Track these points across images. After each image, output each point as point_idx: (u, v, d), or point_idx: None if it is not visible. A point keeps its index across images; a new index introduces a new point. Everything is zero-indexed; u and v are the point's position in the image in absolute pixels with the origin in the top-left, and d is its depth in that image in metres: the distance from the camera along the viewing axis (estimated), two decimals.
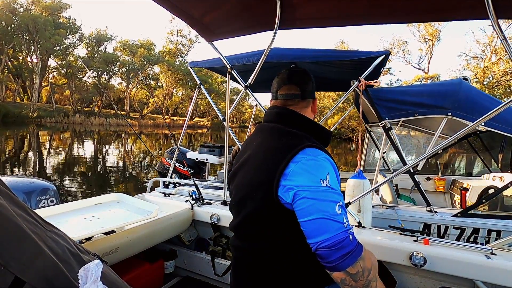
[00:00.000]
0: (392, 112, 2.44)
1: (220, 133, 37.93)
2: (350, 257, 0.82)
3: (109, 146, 17.56)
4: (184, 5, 1.54)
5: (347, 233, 0.83)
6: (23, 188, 2.11)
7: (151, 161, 12.04)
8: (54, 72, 38.79)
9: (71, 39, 36.61)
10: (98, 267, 0.77)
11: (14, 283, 0.59)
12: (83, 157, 12.17)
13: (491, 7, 1.08)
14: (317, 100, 1.15)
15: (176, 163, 3.60)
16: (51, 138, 18.50)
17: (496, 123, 2.20)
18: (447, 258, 1.37)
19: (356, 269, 0.83)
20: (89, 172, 9.00)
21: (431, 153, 1.60)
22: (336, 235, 0.82)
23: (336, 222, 0.84)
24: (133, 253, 1.72)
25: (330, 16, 1.53)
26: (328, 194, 0.87)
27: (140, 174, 9.55)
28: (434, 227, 2.07)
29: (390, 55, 2.49)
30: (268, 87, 1.23)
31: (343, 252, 0.82)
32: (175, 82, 44.84)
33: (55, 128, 26.84)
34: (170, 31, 48.33)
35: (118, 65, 39.67)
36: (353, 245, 0.83)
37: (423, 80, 32.23)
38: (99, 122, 35.93)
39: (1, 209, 0.65)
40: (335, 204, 0.86)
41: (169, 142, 21.78)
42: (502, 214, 2.31)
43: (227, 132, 2.23)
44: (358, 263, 0.83)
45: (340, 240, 0.82)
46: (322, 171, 0.89)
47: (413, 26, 34.07)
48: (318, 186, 0.86)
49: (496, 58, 29.22)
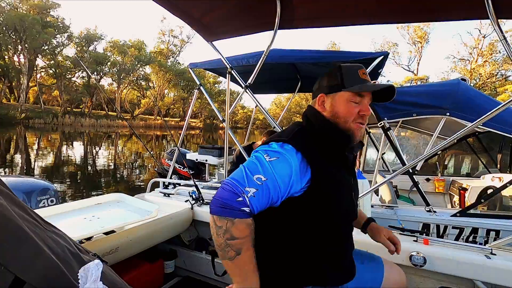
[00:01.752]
0: (391, 112, 2.45)
1: (213, 134, 37.87)
2: (223, 209, 0.83)
3: (105, 147, 17.35)
4: (184, 5, 1.54)
5: (241, 192, 0.84)
6: (23, 188, 2.11)
7: (144, 162, 11.95)
8: (42, 72, 37.69)
9: (60, 38, 35.74)
10: (98, 267, 0.77)
11: (14, 283, 0.59)
12: (75, 158, 11.89)
13: (491, 7, 1.09)
14: (325, 96, 1.04)
15: (176, 164, 3.60)
16: (39, 140, 18.00)
17: (495, 123, 2.21)
18: (447, 258, 1.37)
19: (221, 223, 0.84)
20: (81, 174, 8.79)
21: (431, 154, 1.60)
22: (233, 183, 0.85)
23: (245, 178, 0.86)
24: (133, 253, 1.72)
25: (330, 16, 1.53)
26: (264, 163, 0.89)
27: (132, 175, 9.40)
28: (433, 227, 2.07)
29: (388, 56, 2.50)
30: (267, 88, 1.23)
31: (223, 199, 0.83)
32: (166, 83, 44.60)
33: (44, 129, 26.12)
34: (162, 31, 48.51)
35: (108, 65, 39.10)
36: (235, 204, 0.83)
37: (413, 82, 32.98)
38: (89, 123, 35.22)
39: (1, 209, 0.65)
40: (259, 173, 0.87)
41: (161, 143, 21.57)
42: (501, 213, 2.31)
43: (227, 133, 2.23)
44: (225, 220, 0.84)
45: (231, 188, 0.84)
46: (274, 153, 0.92)
47: (402, 28, 35.08)
48: (262, 155, 0.91)
49: (482, 61, 30.03)
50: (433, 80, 33.88)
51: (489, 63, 29.30)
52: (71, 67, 36.36)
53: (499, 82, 28.54)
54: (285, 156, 0.91)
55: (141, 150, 16.30)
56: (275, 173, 0.88)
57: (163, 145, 19.85)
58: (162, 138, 26.16)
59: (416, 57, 36.18)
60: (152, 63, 41.73)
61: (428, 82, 31.67)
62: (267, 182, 0.87)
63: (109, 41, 40.25)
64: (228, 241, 0.84)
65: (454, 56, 33.00)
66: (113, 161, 12.00)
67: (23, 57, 32.69)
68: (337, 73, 1.02)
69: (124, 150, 16.43)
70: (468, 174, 4.12)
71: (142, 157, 13.52)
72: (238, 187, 0.84)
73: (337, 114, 1.01)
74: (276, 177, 0.88)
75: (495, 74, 28.64)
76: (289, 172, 0.90)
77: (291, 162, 0.91)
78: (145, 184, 7.97)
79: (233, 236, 0.84)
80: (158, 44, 48.04)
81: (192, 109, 3.52)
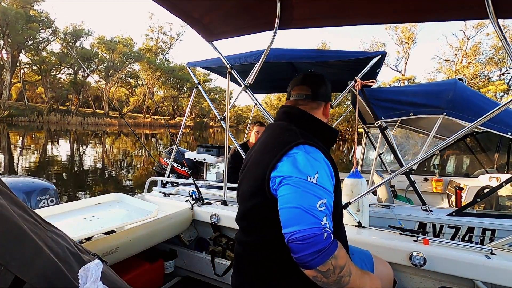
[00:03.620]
0: (388, 111, 2.46)
1: (203, 133, 37.66)
2: (321, 256, 0.80)
3: (93, 145, 17.06)
4: (184, 5, 1.54)
5: (321, 230, 0.81)
6: (23, 188, 2.10)
7: (133, 161, 11.79)
8: (25, 68, 36.53)
9: (45, 33, 34.49)
10: (98, 267, 0.77)
11: (14, 283, 0.59)
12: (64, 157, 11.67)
13: (491, 7, 1.09)
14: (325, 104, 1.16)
15: (174, 163, 3.59)
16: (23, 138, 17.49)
17: (493, 123, 2.22)
18: (447, 258, 1.37)
19: (327, 267, 0.81)
20: (66, 174, 8.59)
21: (429, 154, 1.61)
22: (310, 229, 0.80)
23: (313, 216, 0.81)
24: (133, 253, 1.72)
25: (330, 16, 1.54)
26: (313, 187, 0.85)
27: (122, 174, 9.26)
28: (429, 226, 2.08)
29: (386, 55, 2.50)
30: (265, 87, 1.25)
31: (314, 248, 0.79)
32: (156, 81, 43.94)
33: (28, 127, 25.33)
34: (151, 28, 47.58)
35: (96, 62, 38.14)
36: (326, 243, 0.81)
37: (401, 82, 33.57)
38: (76, 121, 34.43)
39: (1, 209, 0.64)
40: (317, 199, 0.83)
41: (150, 142, 21.33)
42: (496, 213, 2.33)
43: (227, 133, 2.23)
44: (329, 262, 0.81)
45: (312, 234, 0.79)
46: (312, 167, 0.88)
47: (390, 29, 35.84)
48: (304, 179, 0.85)
49: (466, 62, 31.05)
50: (420, 80, 34.69)
51: (473, 64, 30.33)
52: (56, 63, 35.32)
53: (482, 83, 29.27)
54: (321, 165, 0.91)
55: (130, 148, 16.08)
56: (328, 188, 0.89)
57: (152, 144, 19.62)
58: (151, 137, 25.84)
59: (403, 58, 36.94)
60: (141, 60, 41.00)
61: (415, 82, 32.43)
62: (328, 200, 0.87)
63: (96, 37, 39.25)
64: (340, 273, 0.84)
65: (440, 57, 34.06)
66: (102, 160, 11.84)
67: (5, 52, 31.37)
68: (325, 81, 1.16)
69: (112, 148, 16.20)
70: (465, 174, 4.14)
71: (131, 155, 13.36)
72: (316, 228, 0.81)
73: (327, 122, 1.16)
74: (329, 190, 0.89)
75: (478, 75, 29.61)
76: (331, 180, 0.93)
77: (326, 168, 0.92)
78: (135, 182, 7.93)
79: (341, 266, 0.84)
80: (147, 41, 47.33)
81: (190, 108, 3.51)
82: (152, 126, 40.59)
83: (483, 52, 30.09)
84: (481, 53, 30.24)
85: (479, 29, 29.85)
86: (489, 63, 29.75)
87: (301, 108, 1.10)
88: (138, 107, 45.77)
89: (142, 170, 9.95)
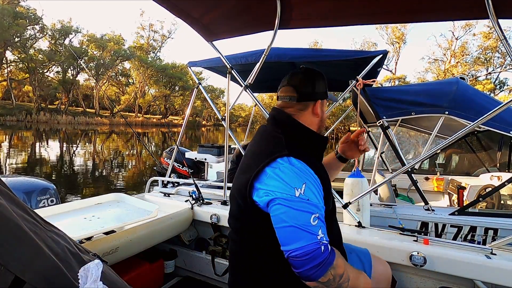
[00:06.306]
0: (390, 111, 2.45)
1: (195, 132, 37.49)
2: (321, 268, 0.84)
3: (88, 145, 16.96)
4: (184, 5, 1.54)
5: (318, 245, 0.84)
6: (23, 188, 2.11)
7: (131, 160, 11.76)
8: (11, 66, 35.25)
9: (32, 30, 33.41)
10: (98, 267, 0.77)
11: (14, 283, 0.59)
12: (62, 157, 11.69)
13: (491, 7, 1.09)
14: (320, 102, 1.09)
15: (175, 163, 3.60)
16: (11, 138, 17.17)
17: (494, 122, 2.21)
18: (447, 258, 1.37)
19: (327, 277, 0.85)
20: (62, 174, 8.56)
21: (431, 153, 1.60)
22: (307, 246, 0.84)
23: (308, 233, 0.85)
24: (133, 253, 1.72)
25: (330, 16, 1.53)
26: (303, 204, 0.87)
27: (120, 173, 9.28)
28: (431, 225, 2.07)
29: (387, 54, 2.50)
30: (265, 87, 1.24)
31: (314, 263, 0.83)
32: (148, 79, 43.39)
33: (16, 127, 24.83)
34: (141, 25, 47.30)
35: (86, 59, 37.10)
36: (324, 256, 0.85)
37: (391, 81, 34.10)
38: (66, 121, 33.79)
39: (1, 209, 0.65)
40: (310, 215, 0.86)
41: (143, 141, 21.33)
42: (499, 212, 2.32)
43: (227, 132, 2.23)
44: (329, 272, 0.85)
45: (310, 250, 0.84)
46: (298, 179, 0.89)
47: (381, 29, 36.37)
48: (292, 195, 0.87)
49: (455, 61, 31.66)
50: (410, 79, 35.26)
51: (461, 64, 30.97)
52: (44, 61, 34.53)
53: (470, 83, 29.75)
54: (306, 175, 0.91)
55: (121, 148, 15.97)
56: (317, 202, 0.90)
57: (146, 143, 19.56)
58: (143, 136, 25.68)
59: (394, 57, 37.36)
60: (132, 58, 40.41)
61: (406, 81, 32.94)
62: (319, 212, 0.89)
63: (85, 34, 38.47)
64: (340, 281, 0.88)
65: (429, 57, 34.70)
66: (101, 160, 11.80)
67: None
68: (324, 79, 1.12)
69: (107, 148, 16.18)
70: (467, 173, 4.13)
71: (123, 155, 13.32)
72: (314, 243, 0.84)
73: (324, 120, 1.12)
74: (319, 203, 0.91)
75: (466, 74, 30.00)
76: (319, 190, 0.94)
77: (311, 178, 0.92)
78: (135, 182, 7.93)
79: (340, 275, 0.88)
80: (138, 39, 46.82)
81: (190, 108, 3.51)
82: (144, 125, 40.25)
83: (470, 52, 31.05)
84: (468, 53, 31.08)
85: (467, 30, 30.83)
86: (476, 62, 30.65)
87: (288, 111, 1.07)
88: (130, 106, 45.30)
89: (142, 170, 9.96)
